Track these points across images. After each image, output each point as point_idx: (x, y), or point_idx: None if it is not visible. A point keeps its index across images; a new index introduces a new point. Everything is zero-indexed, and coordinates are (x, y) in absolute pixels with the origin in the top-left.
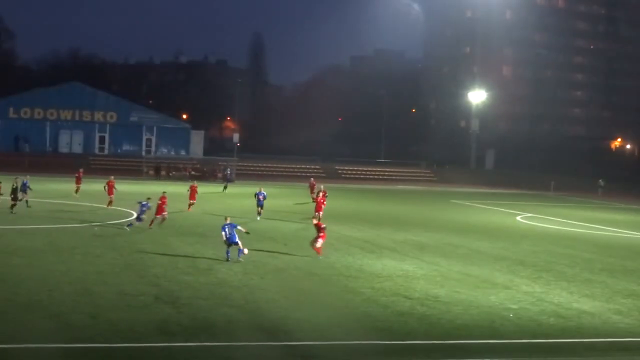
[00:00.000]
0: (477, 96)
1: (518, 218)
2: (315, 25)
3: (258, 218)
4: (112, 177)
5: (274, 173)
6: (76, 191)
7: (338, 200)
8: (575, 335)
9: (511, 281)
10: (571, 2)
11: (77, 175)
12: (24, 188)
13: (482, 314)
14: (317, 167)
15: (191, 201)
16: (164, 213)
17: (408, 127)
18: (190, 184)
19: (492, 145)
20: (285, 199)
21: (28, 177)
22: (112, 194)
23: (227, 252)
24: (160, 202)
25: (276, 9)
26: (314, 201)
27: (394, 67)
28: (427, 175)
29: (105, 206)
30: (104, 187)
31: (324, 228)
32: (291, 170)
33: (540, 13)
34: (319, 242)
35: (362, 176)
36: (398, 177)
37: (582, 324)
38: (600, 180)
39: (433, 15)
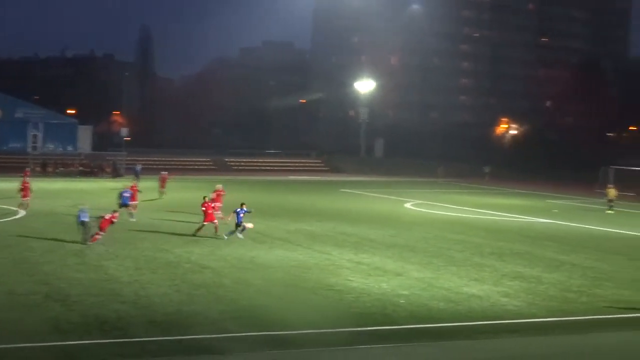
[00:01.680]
0: (365, 85)
1: (408, 205)
2: (204, 17)
3: (133, 219)
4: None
5: (164, 167)
6: None
7: (229, 193)
8: (465, 319)
9: (402, 268)
10: None
11: None
12: None
13: (374, 301)
14: (207, 159)
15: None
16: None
17: (298, 118)
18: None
19: (381, 134)
20: (173, 192)
21: None
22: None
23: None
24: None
25: (164, 1)
26: (160, 196)
27: (283, 58)
28: (318, 165)
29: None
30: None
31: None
32: (181, 163)
33: (427, 2)
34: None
35: (253, 168)
36: (289, 168)
37: (472, 308)
38: (486, 167)
39: (321, 5)
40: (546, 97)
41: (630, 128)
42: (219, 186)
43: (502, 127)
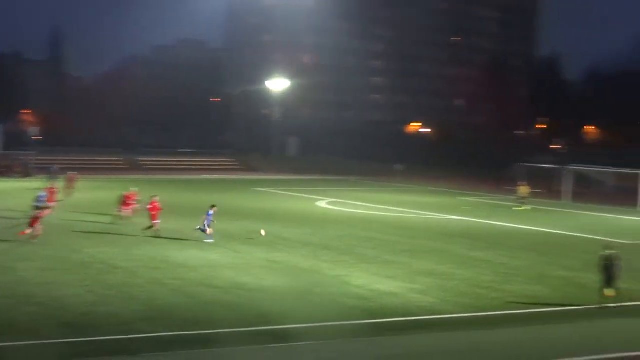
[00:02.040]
0: (279, 84)
1: (322, 204)
2: (118, 15)
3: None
4: None
5: (75, 166)
6: None
7: (142, 192)
8: (378, 316)
9: (315, 266)
10: None
11: None
12: None
13: (288, 299)
14: (119, 158)
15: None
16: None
17: (212, 116)
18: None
19: (295, 133)
20: (83, 192)
21: None
22: None
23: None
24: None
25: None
26: (66, 197)
27: (196, 56)
28: (232, 163)
29: None
30: None
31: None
32: (92, 162)
33: (340, 1)
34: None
35: (165, 167)
36: (202, 167)
37: (385, 305)
38: (398, 165)
39: (234, 3)
40: (458, 95)
41: (538, 126)
42: (133, 189)
43: (414, 126)
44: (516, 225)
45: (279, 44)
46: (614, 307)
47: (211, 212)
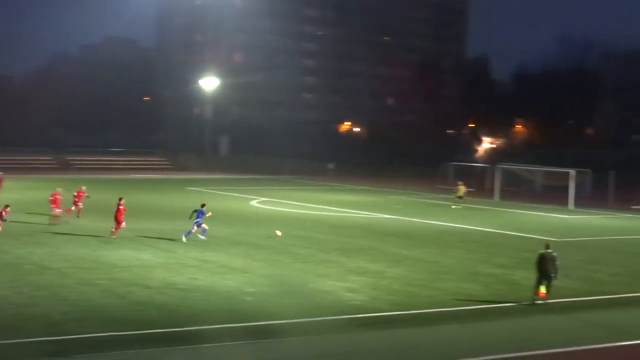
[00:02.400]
0: (210, 83)
1: (254, 203)
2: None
3: None
4: None
5: (3, 166)
6: None
7: (70, 192)
8: (312, 315)
9: (248, 265)
10: None
11: None
12: None
13: (221, 299)
14: (48, 158)
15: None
16: None
17: (142, 116)
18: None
19: (226, 132)
20: (11, 192)
21: None
22: None
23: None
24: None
25: None
26: None
27: (126, 55)
28: (163, 163)
29: None
30: None
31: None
32: (20, 162)
33: (271, 0)
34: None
35: (96, 166)
36: (133, 166)
37: (318, 303)
38: (330, 164)
39: (164, 2)
40: (389, 95)
41: (469, 125)
42: (59, 189)
43: (346, 125)
44: (448, 224)
45: (210, 43)
46: (543, 303)
47: (203, 210)
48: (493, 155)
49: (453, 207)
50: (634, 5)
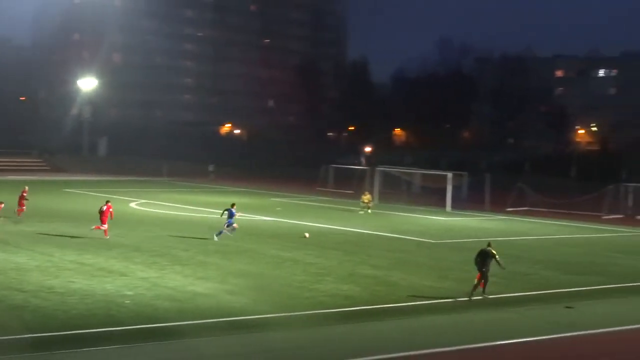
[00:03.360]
0: (88, 83)
1: (133, 205)
2: None
3: None
4: None
5: None
6: None
7: None
8: (191, 317)
9: (127, 268)
10: None
11: None
12: None
13: (99, 302)
14: None
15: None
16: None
17: (18, 116)
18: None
19: (105, 132)
20: None
21: None
22: None
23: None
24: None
25: None
26: None
27: (1, 53)
28: (39, 164)
29: None
30: None
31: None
32: None
33: (149, 0)
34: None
35: None
36: (7, 168)
37: (198, 306)
38: (210, 165)
39: (41, 1)
40: (269, 96)
41: (349, 128)
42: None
43: (226, 127)
44: (327, 226)
45: (88, 42)
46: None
47: (233, 210)
48: (372, 158)
49: (360, 212)
50: (509, 12)
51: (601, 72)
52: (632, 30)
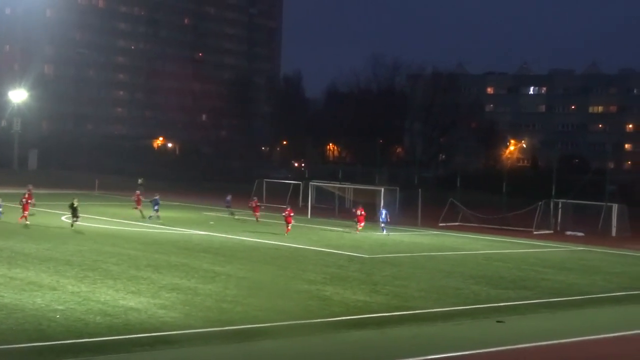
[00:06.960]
0: (18, 95)
1: (63, 218)
2: None
3: None
4: None
5: None
6: None
7: None
8: (123, 332)
9: (57, 282)
10: (112, 2)
11: None
12: None
13: (28, 317)
14: None
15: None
16: None
17: None
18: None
19: (35, 145)
20: None
21: None
22: None
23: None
24: None
25: None
26: None
27: None
28: None
29: None
30: None
31: None
32: None
33: (82, 12)
34: None
35: None
36: None
37: (129, 321)
38: (140, 179)
39: None
40: (202, 111)
41: (282, 142)
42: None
43: (158, 140)
44: (260, 240)
45: (19, 54)
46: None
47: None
48: (305, 173)
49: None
50: (440, 29)
51: (531, 90)
52: (560, 48)
